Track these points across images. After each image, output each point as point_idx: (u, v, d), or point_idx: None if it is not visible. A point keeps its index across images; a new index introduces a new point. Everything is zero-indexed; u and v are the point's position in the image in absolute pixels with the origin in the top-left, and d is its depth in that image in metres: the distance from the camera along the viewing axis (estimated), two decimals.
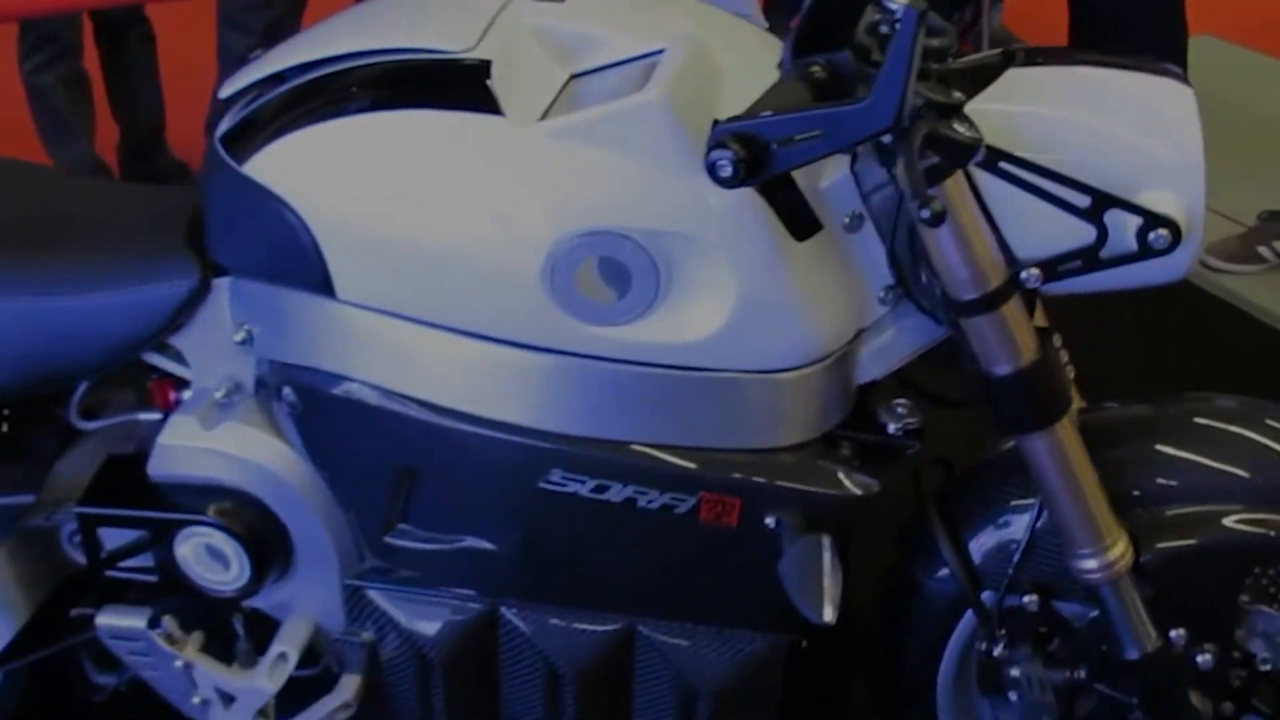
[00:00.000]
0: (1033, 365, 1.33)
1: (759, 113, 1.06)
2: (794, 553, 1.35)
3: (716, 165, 1.05)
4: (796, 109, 1.06)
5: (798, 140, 1.05)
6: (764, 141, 1.05)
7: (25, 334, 1.52)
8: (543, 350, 1.35)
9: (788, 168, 1.09)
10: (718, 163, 1.05)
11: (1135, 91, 1.32)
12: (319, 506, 1.56)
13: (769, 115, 1.05)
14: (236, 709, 1.63)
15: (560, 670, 1.59)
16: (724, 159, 1.05)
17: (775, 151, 1.06)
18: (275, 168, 1.38)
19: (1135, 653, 1.48)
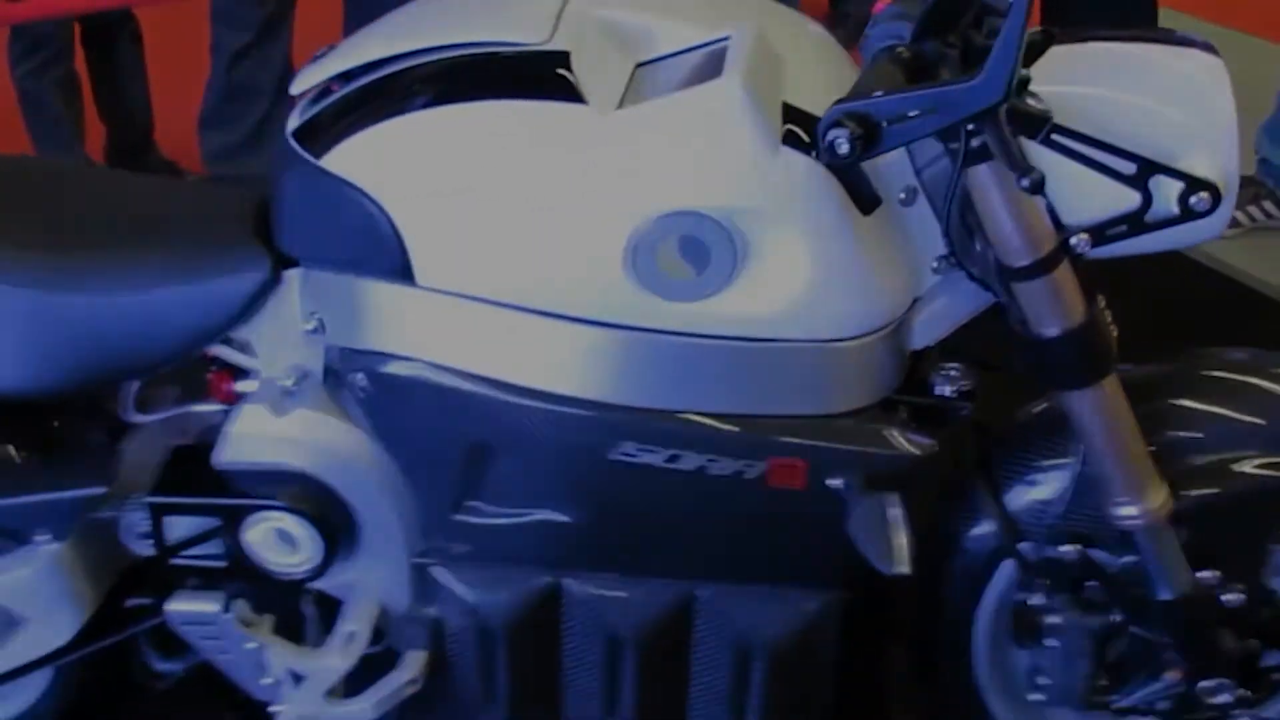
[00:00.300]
0: (1081, 326, 1.41)
1: (864, 93, 1.13)
2: (862, 511, 1.43)
3: (835, 143, 1.12)
4: (906, 89, 1.13)
5: (909, 118, 1.13)
6: (877, 120, 1.12)
7: (100, 328, 1.55)
8: (620, 327, 1.42)
9: (899, 144, 1.17)
10: (836, 140, 1.12)
11: (1169, 64, 1.41)
12: (386, 488, 1.61)
13: (882, 95, 1.12)
14: (307, 688, 1.67)
15: (621, 636, 1.65)
16: (841, 137, 1.12)
17: (887, 129, 1.13)
18: (356, 161, 1.42)
19: (1169, 594, 1.57)
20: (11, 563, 1.69)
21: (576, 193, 1.37)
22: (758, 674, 1.67)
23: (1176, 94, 1.39)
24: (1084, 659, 1.63)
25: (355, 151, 1.43)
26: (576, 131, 1.35)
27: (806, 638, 1.63)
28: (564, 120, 1.35)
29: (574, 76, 1.36)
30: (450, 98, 1.40)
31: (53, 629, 1.72)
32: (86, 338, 1.56)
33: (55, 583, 1.69)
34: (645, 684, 1.69)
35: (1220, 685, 1.62)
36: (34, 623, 1.72)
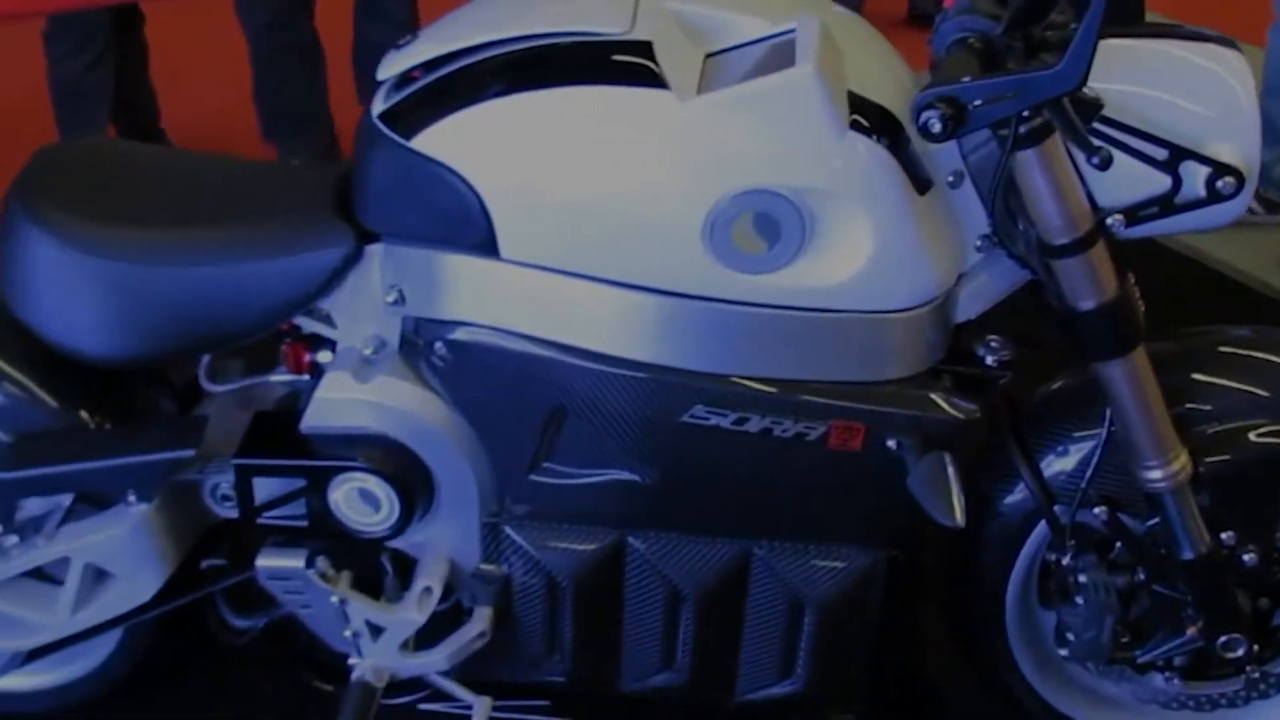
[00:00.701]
0: (1114, 300, 1.54)
1: (952, 78, 1.25)
2: (921, 469, 1.55)
3: (928, 123, 1.24)
4: (992, 75, 1.25)
5: (993, 100, 1.25)
6: (964, 102, 1.24)
7: (192, 300, 1.66)
8: (695, 298, 1.53)
9: (983, 124, 1.29)
10: (929, 121, 1.24)
11: (1193, 60, 1.53)
12: (463, 450, 1.71)
13: (970, 81, 1.24)
14: (385, 640, 1.78)
15: (681, 591, 1.77)
16: (934, 117, 1.24)
17: (973, 110, 1.25)
18: (447, 142, 1.53)
19: (1190, 554, 1.70)
20: (102, 522, 1.79)
21: (659, 172, 1.48)
22: (807, 628, 1.78)
23: (1201, 87, 1.51)
24: (1109, 616, 1.75)
25: (446, 134, 1.54)
26: (660, 116, 1.47)
27: (855, 594, 1.75)
28: (648, 105, 1.47)
29: (657, 65, 1.47)
30: (539, 83, 1.51)
31: (138, 586, 1.83)
32: (179, 309, 1.67)
33: (142, 542, 1.79)
34: (701, 637, 1.81)
35: (1235, 641, 1.75)
36: (121, 579, 1.82)
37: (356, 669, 1.80)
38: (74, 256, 1.64)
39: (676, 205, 1.48)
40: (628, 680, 1.87)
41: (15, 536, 1.83)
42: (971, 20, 1.34)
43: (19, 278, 1.68)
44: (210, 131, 3.89)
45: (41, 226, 1.65)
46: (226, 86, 3.96)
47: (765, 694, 1.85)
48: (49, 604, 1.85)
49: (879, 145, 1.47)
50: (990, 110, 1.27)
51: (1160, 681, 1.85)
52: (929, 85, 1.27)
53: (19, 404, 1.80)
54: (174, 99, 3.76)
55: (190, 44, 3.80)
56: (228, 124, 3.93)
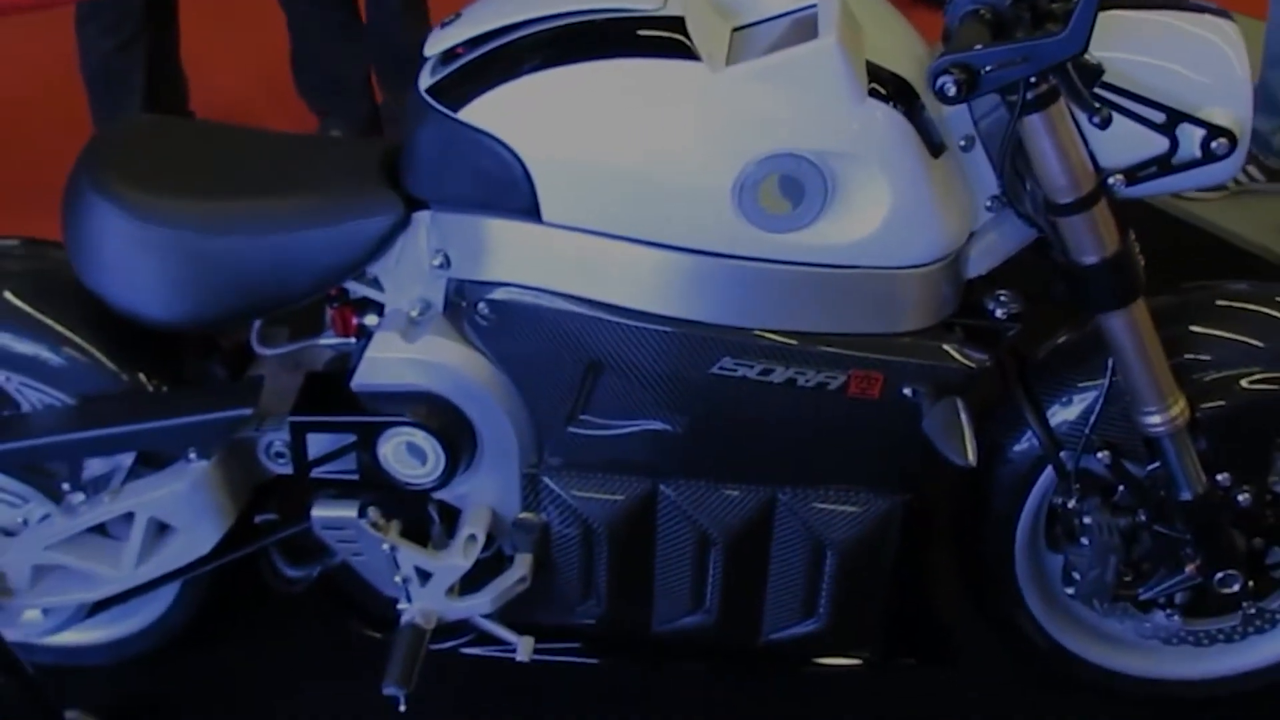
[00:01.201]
0: (1116, 254, 1.65)
1: (965, 46, 1.35)
2: (935, 413, 1.67)
3: (944, 87, 1.35)
4: (1002, 42, 1.36)
5: (1003, 66, 1.36)
6: (977, 68, 1.35)
7: (249, 267, 1.77)
8: (724, 256, 1.64)
9: (994, 88, 1.40)
10: (944, 85, 1.34)
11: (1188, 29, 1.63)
12: (504, 406, 1.82)
13: (982, 48, 1.35)
14: (433, 585, 1.90)
15: (710, 535, 1.88)
16: (949, 82, 1.35)
17: (985, 75, 1.36)
18: (494, 113, 1.64)
19: (1189, 495, 1.81)
20: (164, 479, 1.91)
21: (691, 139, 1.59)
22: (828, 569, 1.90)
23: (1197, 55, 1.62)
24: (1113, 555, 1.86)
25: (492, 105, 1.64)
26: (693, 86, 1.58)
27: (873, 536, 1.86)
28: (682, 76, 1.58)
29: (689, 38, 1.58)
30: (580, 56, 1.61)
31: (198, 539, 1.94)
32: (239, 275, 1.78)
33: (201, 497, 1.90)
34: (728, 580, 1.92)
35: (1231, 577, 1.87)
36: (182, 533, 1.94)
37: (406, 613, 1.91)
38: (139, 226, 1.75)
39: (707, 169, 1.59)
40: (659, 622, 1.98)
41: (81, 494, 1.95)
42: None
43: (87, 247, 1.79)
44: (237, 114, 3.99)
45: (108, 198, 1.75)
46: (250, 68, 4.06)
47: (789, 634, 1.97)
48: (114, 558, 1.97)
49: (895, 111, 1.57)
50: (1000, 74, 1.38)
51: (1161, 618, 1.96)
52: (944, 52, 1.37)
53: (81, 367, 1.91)
54: (200, 81, 3.86)
55: (215, 25, 3.88)
56: (254, 105, 4.05)
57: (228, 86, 4.14)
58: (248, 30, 3.96)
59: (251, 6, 3.72)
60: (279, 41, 3.80)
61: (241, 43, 4.14)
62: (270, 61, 3.79)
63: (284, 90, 3.88)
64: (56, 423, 1.92)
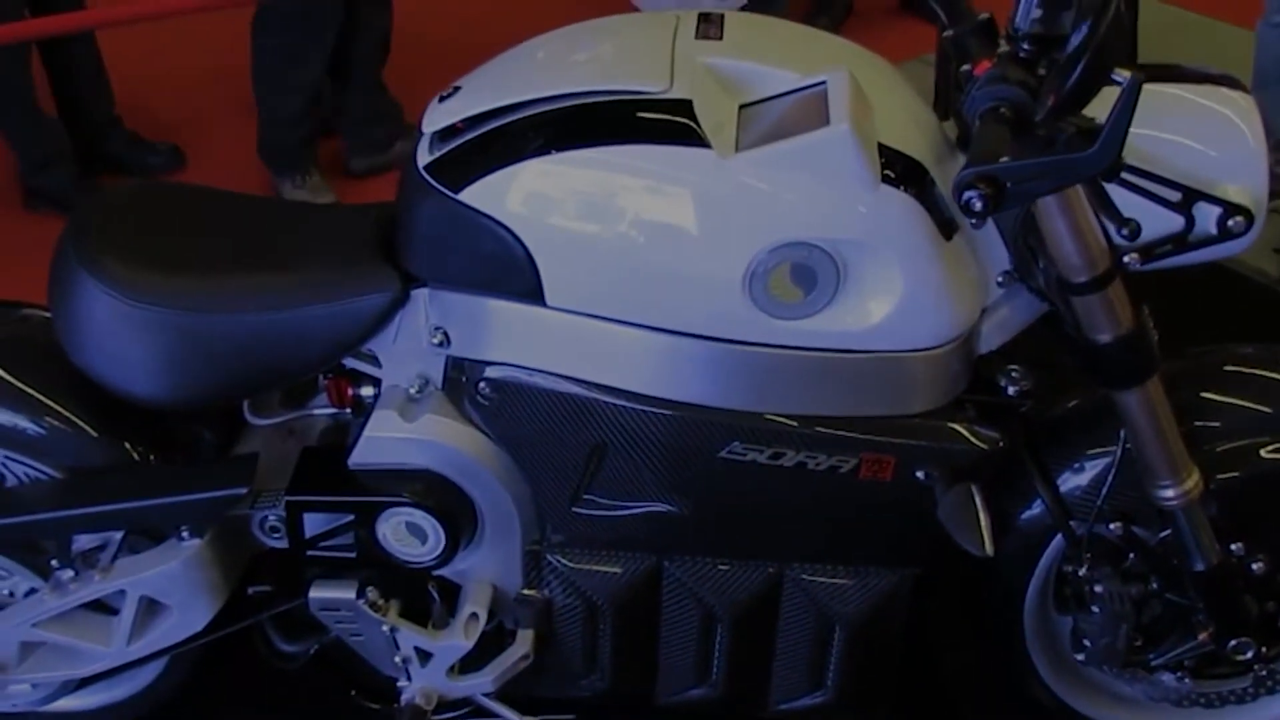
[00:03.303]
0: (1130, 333, 1.61)
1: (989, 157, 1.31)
2: (949, 501, 1.64)
3: (970, 202, 1.30)
4: (1030, 158, 1.32)
5: (1030, 179, 1.32)
6: (1003, 181, 1.31)
7: (245, 345, 1.72)
8: (734, 342, 1.60)
9: (1021, 203, 1.36)
10: (971, 200, 1.30)
11: (1200, 103, 1.60)
12: (506, 484, 1.78)
13: (1009, 161, 1.30)
14: (434, 664, 1.86)
15: (716, 612, 1.85)
16: (975, 196, 1.30)
17: (1011, 189, 1.32)
18: (495, 196, 1.59)
19: (1202, 565, 1.78)
20: (156, 557, 1.86)
21: (701, 226, 1.55)
22: (837, 643, 1.87)
23: (1210, 130, 1.58)
24: (1124, 623, 1.84)
25: (494, 188, 1.59)
26: (702, 173, 1.53)
27: (882, 609, 1.83)
28: (691, 163, 1.53)
29: (698, 123, 1.54)
30: (585, 141, 1.56)
31: (191, 616, 1.90)
32: (232, 355, 1.73)
33: (195, 574, 1.86)
34: (735, 653, 1.89)
35: (1244, 644, 1.84)
36: (175, 611, 1.89)
37: (406, 692, 1.88)
38: (128, 304, 1.69)
39: (718, 257, 1.55)
40: (664, 694, 1.96)
41: (71, 570, 1.90)
42: (1003, 89, 1.40)
43: (73, 323, 1.74)
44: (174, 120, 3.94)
45: (94, 274, 1.70)
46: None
47: (797, 705, 1.94)
48: (104, 634, 1.93)
49: (908, 196, 1.53)
50: (1029, 189, 1.34)
51: (1171, 681, 1.94)
52: (967, 163, 1.33)
53: (65, 438, 1.86)
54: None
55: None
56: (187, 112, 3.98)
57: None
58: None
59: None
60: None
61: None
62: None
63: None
64: (43, 499, 1.87)
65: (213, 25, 3.79)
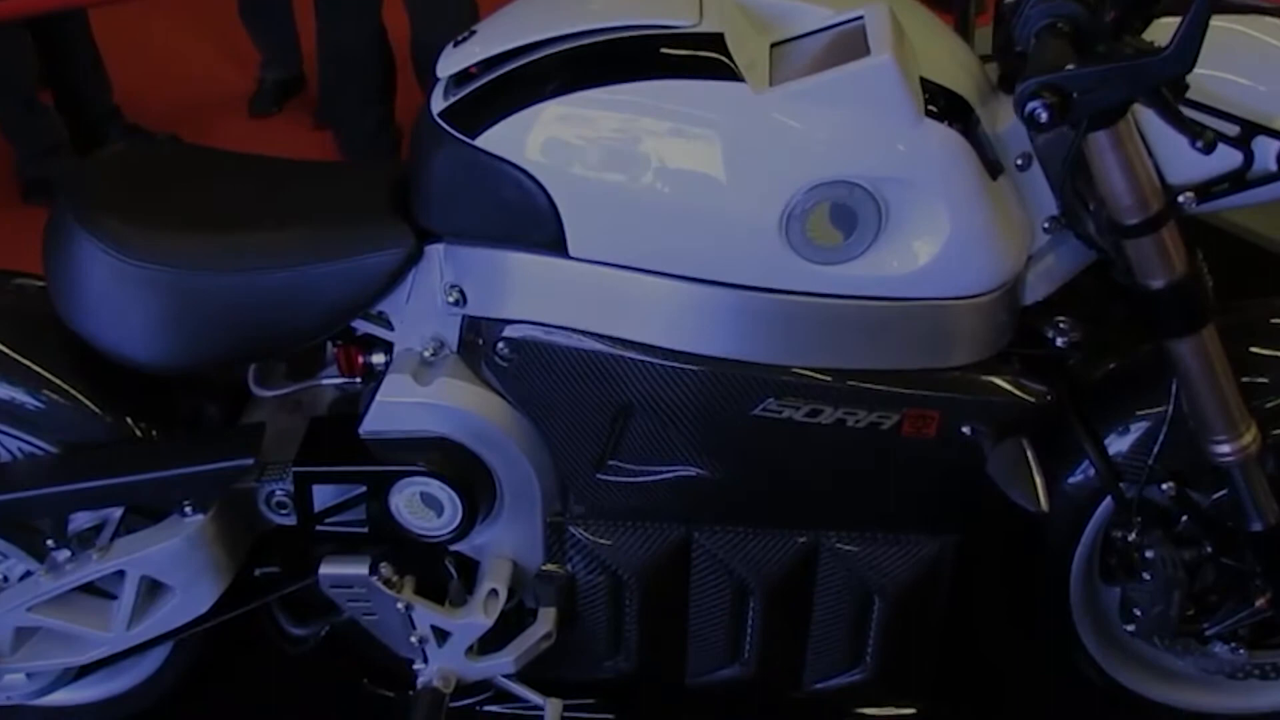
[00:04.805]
0: (1185, 278, 1.53)
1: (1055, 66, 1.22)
2: (999, 455, 1.54)
3: (1035, 113, 1.22)
4: (1098, 63, 1.23)
5: (1098, 87, 1.23)
6: (1069, 90, 1.22)
7: (251, 305, 1.62)
8: (768, 290, 1.51)
9: (1088, 113, 1.27)
10: (1035, 110, 1.21)
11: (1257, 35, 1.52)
12: (526, 451, 1.69)
13: (1075, 69, 1.22)
14: (452, 644, 1.77)
15: (748, 584, 1.76)
16: (1040, 107, 1.22)
17: (1077, 99, 1.23)
18: (515, 139, 1.50)
19: (1260, 525, 1.69)
20: (157, 534, 1.76)
21: (734, 166, 1.46)
22: (876, 616, 1.78)
23: (1265, 62, 1.50)
24: (1176, 590, 1.75)
25: (514, 131, 1.50)
26: (735, 108, 1.44)
27: (924, 579, 1.74)
28: (723, 98, 1.44)
29: (730, 57, 1.45)
30: (610, 78, 1.47)
31: (195, 598, 1.80)
32: (237, 315, 1.64)
33: (198, 553, 1.76)
34: (768, 629, 1.80)
35: None
36: (178, 592, 1.80)
37: (423, 674, 1.78)
38: (127, 264, 1.60)
39: (752, 199, 1.46)
40: (693, 675, 1.86)
41: (67, 550, 1.80)
42: (1059, 4, 1.31)
43: (71, 286, 1.65)
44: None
45: (94, 233, 1.61)
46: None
47: (833, 684, 1.85)
48: (103, 619, 1.83)
49: (953, 131, 1.45)
50: (1095, 98, 1.25)
51: (1226, 652, 1.85)
52: (1028, 74, 1.24)
53: (63, 412, 1.77)
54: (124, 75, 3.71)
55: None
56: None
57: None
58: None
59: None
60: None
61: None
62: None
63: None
64: (39, 474, 1.77)
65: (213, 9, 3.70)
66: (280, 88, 4.05)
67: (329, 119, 3.86)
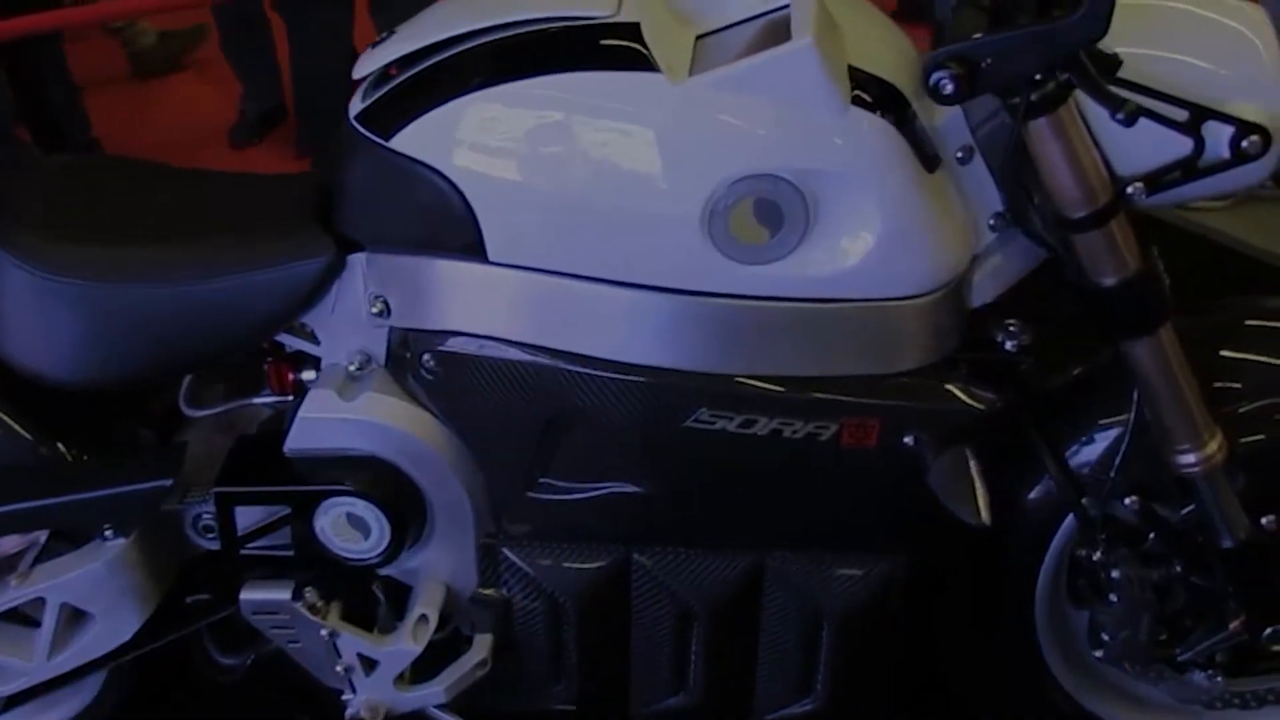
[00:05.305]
0: (1138, 275, 1.45)
1: (960, 36, 1.15)
2: (941, 466, 1.46)
3: (940, 84, 1.15)
4: (1006, 29, 1.16)
5: (1007, 57, 1.15)
6: (977, 60, 1.15)
7: (170, 318, 1.56)
8: (694, 293, 1.44)
9: (998, 83, 1.20)
10: (940, 81, 1.15)
11: (1212, 18, 1.44)
12: (456, 469, 1.62)
13: (983, 36, 1.15)
14: (380, 673, 1.69)
15: (691, 608, 1.67)
16: (945, 78, 1.15)
17: (986, 69, 1.16)
18: (428, 140, 1.44)
19: (1230, 541, 1.60)
20: (78, 559, 1.69)
21: (652, 160, 1.39)
22: (826, 641, 1.69)
23: (1220, 45, 1.42)
24: (1146, 612, 1.65)
25: (426, 131, 1.44)
26: (651, 100, 1.38)
27: (875, 602, 1.65)
28: (638, 89, 1.38)
29: (646, 46, 1.38)
30: (522, 72, 1.41)
31: (118, 625, 1.73)
32: (154, 328, 1.57)
33: (120, 578, 1.69)
34: (714, 656, 1.71)
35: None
36: (100, 619, 1.72)
37: (351, 705, 1.70)
38: (39, 276, 1.54)
39: (672, 195, 1.39)
40: (638, 705, 1.77)
41: None
42: None
43: None
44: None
45: (8, 249, 1.55)
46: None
47: (784, 714, 1.76)
48: (25, 647, 1.76)
49: (883, 120, 1.37)
50: (1005, 68, 1.18)
51: (1202, 679, 1.74)
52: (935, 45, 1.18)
53: None
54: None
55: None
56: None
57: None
58: None
59: None
60: None
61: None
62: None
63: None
64: None
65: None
66: (262, 119, 4.02)
67: (307, 143, 3.82)
